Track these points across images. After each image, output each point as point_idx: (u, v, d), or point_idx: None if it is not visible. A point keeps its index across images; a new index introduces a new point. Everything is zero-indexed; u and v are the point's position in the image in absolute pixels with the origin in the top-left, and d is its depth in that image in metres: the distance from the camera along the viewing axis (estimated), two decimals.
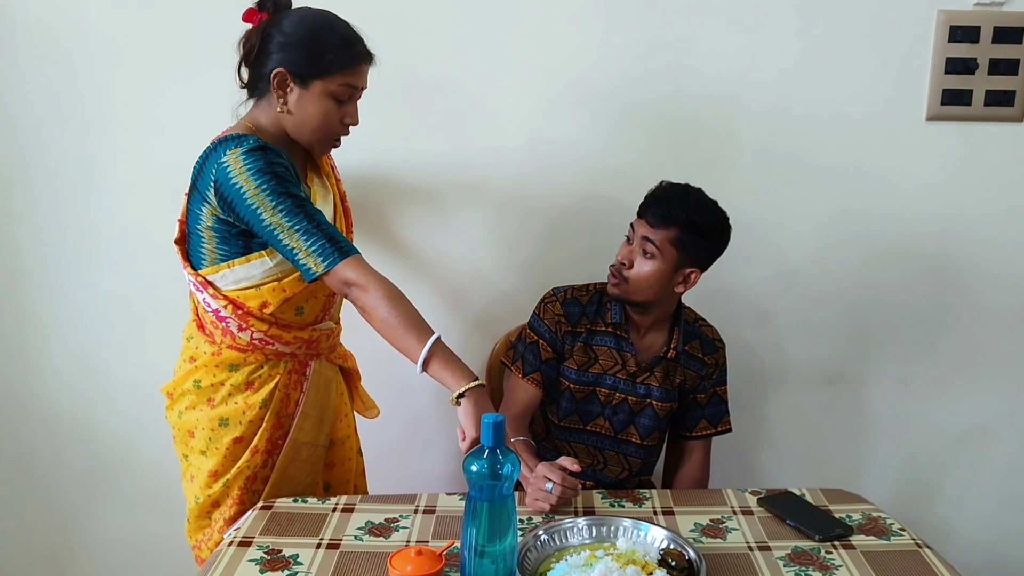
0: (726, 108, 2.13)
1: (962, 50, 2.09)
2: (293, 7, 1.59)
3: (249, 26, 1.58)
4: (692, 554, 1.37)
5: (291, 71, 1.53)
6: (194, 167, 1.58)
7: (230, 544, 1.45)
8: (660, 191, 1.80)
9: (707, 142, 2.15)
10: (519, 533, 1.34)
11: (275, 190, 1.46)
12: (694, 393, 1.94)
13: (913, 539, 1.49)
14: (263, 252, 1.57)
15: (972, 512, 2.43)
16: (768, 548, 1.46)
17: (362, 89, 1.60)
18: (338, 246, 1.46)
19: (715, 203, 1.80)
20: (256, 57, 1.57)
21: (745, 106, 2.13)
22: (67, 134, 2.13)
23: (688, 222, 1.75)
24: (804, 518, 1.53)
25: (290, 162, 1.55)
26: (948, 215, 2.22)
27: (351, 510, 1.57)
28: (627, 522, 1.45)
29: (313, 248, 1.45)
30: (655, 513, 1.58)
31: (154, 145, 2.13)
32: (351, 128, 1.64)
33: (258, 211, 1.46)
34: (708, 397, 1.94)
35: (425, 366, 1.44)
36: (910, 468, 2.40)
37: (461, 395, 1.42)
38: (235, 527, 1.56)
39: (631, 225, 1.83)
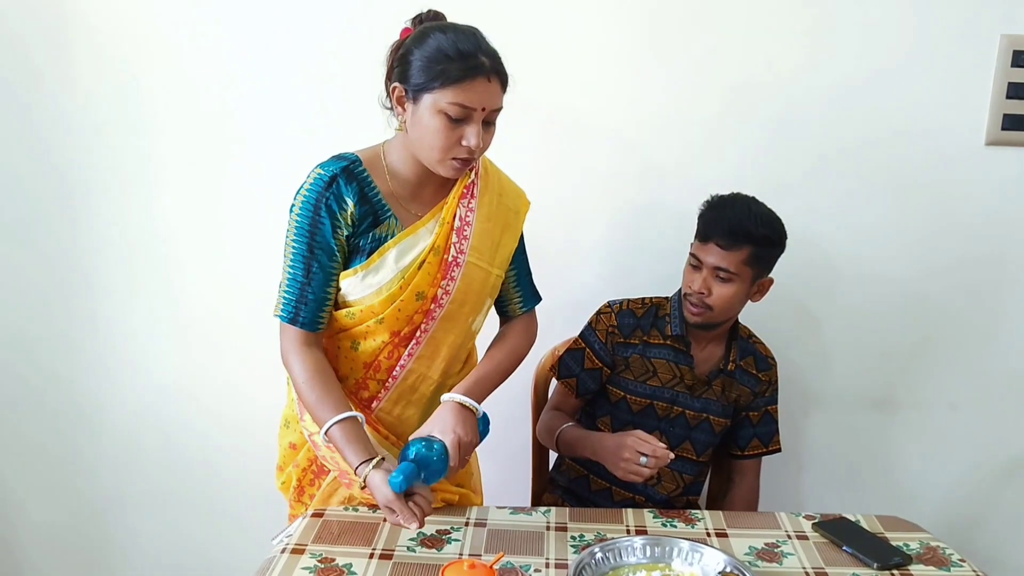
0: (784, 125, 2.12)
1: None
2: (441, 22, 1.49)
3: None
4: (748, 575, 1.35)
5: (405, 86, 1.45)
6: None
7: (283, 551, 1.45)
8: (721, 210, 1.77)
9: (764, 158, 2.14)
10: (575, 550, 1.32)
11: (301, 229, 1.50)
12: (747, 411, 1.93)
13: (974, 571, 1.46)
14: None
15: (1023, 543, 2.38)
16: (825, 575, 1.44)
17: (486, 110, 1.43)
18: (297, 311, 1.51)
19: (766, 206, 1.79)
20: (391, 74, 1.50)
21: (804, 124, 2.12)
22: (127, 137, 2.16)
23: (761, 238, 1.74)
24: (861, 545, 1.51)
25: (376, 201, 1.51)
26: (1005, 240, 2.19)
27: None
28: (684, 543, 1.44)
29: (284, 294, 1.53)
30: (708, 535, 1.56)
31: (213, 148, 2.16)
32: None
33: (287, 233, 1.52)
34: (760, 415, 1.93)
35: (328, 436, 1.47)
36: (959, 496, 2.36)
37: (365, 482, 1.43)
38: (287, 533, 1.56)
39: (693, 253, 1.80)
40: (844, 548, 1.51)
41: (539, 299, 1.75)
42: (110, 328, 2.29)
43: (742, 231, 1.72)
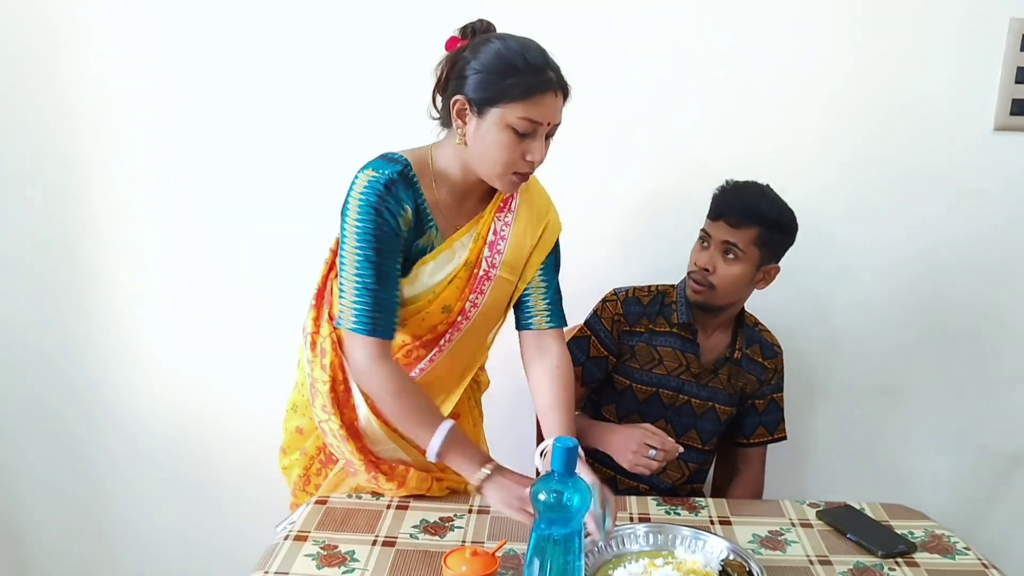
0: (792, 112, 2.11)
1: None
2: (496, 33, 1.47)
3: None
4: (753, 567, 1.34)
5: (469, 99, 1.41)
6: None
7: (286, 538, 1.45)
8: (734, 191, 1.78)
9: (771, 145, 2.13)
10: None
11: (366, 234, 1.42)
12: (753, 399, 1.92)
13: (979, 559, 1.45)
14: None
15: None
16: (829, 562, 1.43)
17: (550, 124, 1.43)
18: (375, 320, 1.44)
19: (781, 197, 1.79)
20: (445, 84, 1.47)
21: (811, 111, 2.11)
22: (135, 128, 2.16)
23: (771, 220, 1.74)
24: (865, 533, 1.51)
25: (424, 210, 1.48)
26: (1012, 227, 2.18)
27: (405, 508, 1.57)
28: (686, 531, 1.44)
29: (355, 305, 1.44)
30: (712, 523, 1.56)
31: (221, 140, 2.16)
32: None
33: (344, 240, 1.45)
34: (766, 403, 1.93)
35: (439, 456, 1.46)
36: (965, 485, 2.36)
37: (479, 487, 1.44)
38: (290, 520, 1.56)
39: (704, 230, 1.80)
40: (848, 536, 1.51)
41: (565, 323, 1.68)
42: (115, 318, 2.29)
43: (754, 210, 1.73)
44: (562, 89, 1.43)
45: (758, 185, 1.79)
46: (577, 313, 1.98)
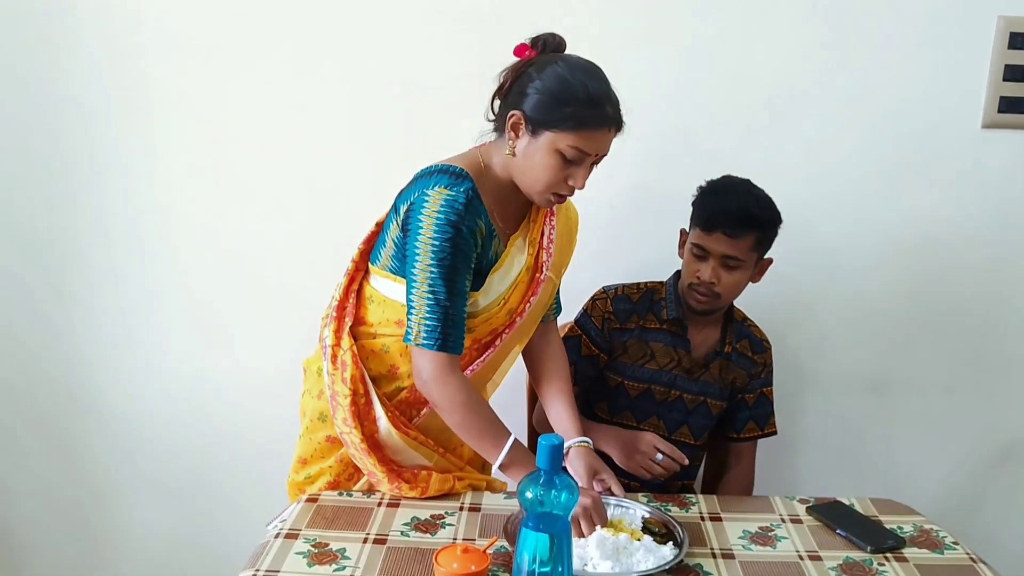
0: (779, 109, 2.11)
1: (1022, 57, 2.05)
2: (565, 52, 1.51)
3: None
4: (673, 521, 1.49)
5: (526, 116, 1.45)
6: (413, 177, 1.55)
7: (276, 536, 1.45)
8: (721, 199, 1.76)
9: (759, 142, 2.13)
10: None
11: (442, 252, 1.44)
12: (743, 393, 1.93)
13: (967, 553, 1.46)
14: None
15: (1019, 526, 2.39)
16: (819, 558, 1.44)
17: (598, 156, 1.48)
18: (446, 336, 1.46)
19: (758, 187, 1.79)
20: (506, 94, 1.51)
21: (798, 108, 2.11)
22: (135, 127, 2.16)
23: (767, 222, 1.75)
24: (855, 528, 1.51)
25: (488, 222, 1.51)
26: (1001, 224, 2.19)
27: (396, 505, 1.57)
28: (611, 499, 1.56)
29: (426, 321, 1.46)
30: (702, 519, 1.56)
31: (222, 140, 2.16)
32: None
33: (416, 257, 1.46)
34: (756, 397, 1.94)
35: (503, 468, 1.51)
36: (954, 479, 2.37)
37: None
38: (280, 518, 1.56)
39: (696, 244, 1.77)
40: (838, 531, 1.51)
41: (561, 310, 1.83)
42: (108, 320, 2.28)
43: (748, 217, 1.72)
44: (616, 124, 1.47)
45: (741, 185, 1.78)
46: (567, 311, 1.99)
